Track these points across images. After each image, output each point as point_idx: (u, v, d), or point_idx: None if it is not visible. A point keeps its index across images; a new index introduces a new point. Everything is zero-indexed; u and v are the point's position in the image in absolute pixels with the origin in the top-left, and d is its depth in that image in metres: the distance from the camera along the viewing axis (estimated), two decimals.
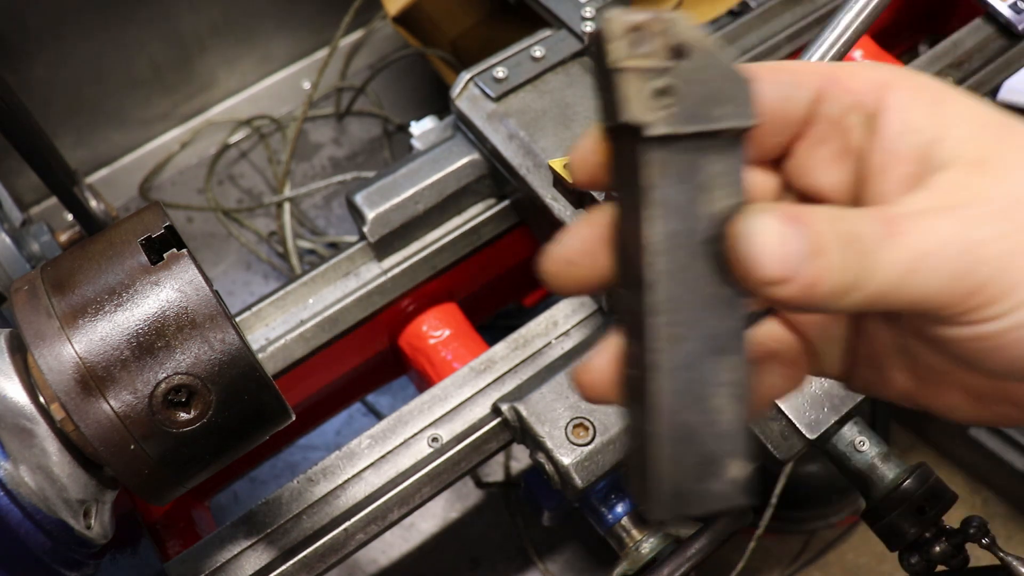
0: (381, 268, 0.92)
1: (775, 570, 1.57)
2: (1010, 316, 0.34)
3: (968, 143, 0.36)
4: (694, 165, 0.34)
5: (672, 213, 0.34)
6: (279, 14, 1.65)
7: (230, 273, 1.60)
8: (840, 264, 0.33)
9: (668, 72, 0.34)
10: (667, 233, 0.34)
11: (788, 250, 0.33)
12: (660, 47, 0.34)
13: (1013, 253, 0.33)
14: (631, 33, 0.33)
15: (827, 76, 0.39)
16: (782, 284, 0.33)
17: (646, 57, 0.33)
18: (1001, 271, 0.33)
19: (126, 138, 1.65)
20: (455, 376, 0.85)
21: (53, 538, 0.54)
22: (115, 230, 0.56)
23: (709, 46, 0.34)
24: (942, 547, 0.72)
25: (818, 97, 0.39)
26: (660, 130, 0.34)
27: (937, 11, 1.21)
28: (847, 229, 0.34)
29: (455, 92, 0.91)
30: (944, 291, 0.34)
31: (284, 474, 1.46)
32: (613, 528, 0.84)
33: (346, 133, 1.73)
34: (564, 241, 0.39)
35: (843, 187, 0.40)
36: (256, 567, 0.76)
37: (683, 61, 0.34)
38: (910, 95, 0.38)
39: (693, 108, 0.34)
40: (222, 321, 0.53)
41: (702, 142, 0.34)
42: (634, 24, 0.33)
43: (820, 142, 0.40)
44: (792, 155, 0.41)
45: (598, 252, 0.39)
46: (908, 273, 0.34)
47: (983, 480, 1.62)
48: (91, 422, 0.51)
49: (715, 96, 0.34)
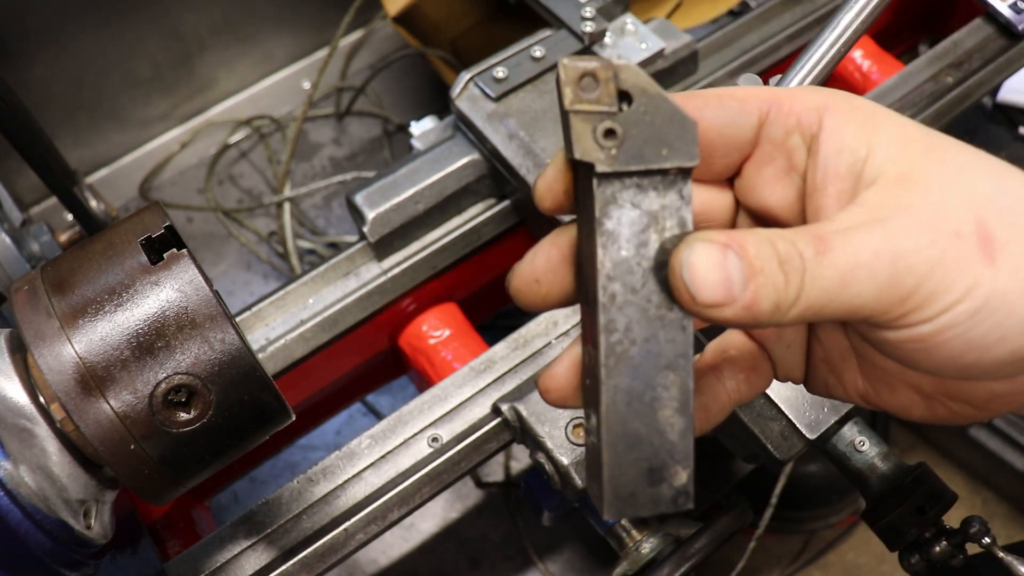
0: (381, 268, 0.92)
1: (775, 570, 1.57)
2: (939, 319, 0.37)
3: (894, 159, 0.39)
4: (643, 199, 0.38)
5: (623, 241, 0.38)
6: (279, 14, 1.65)
7: (230, 273, 1.60)
8: (776, 283, 0.36)
9: (615, 116, 0.38)
10: (618, 260, 0.39)
11: (725, 275, 0.36)
12: (607, 93, 0.38)
13: (938, 261, 0.36)
14: (582, 79, 0.37)
15: (771, 100, 0.43)
16: (723, 307, 0.36)
17: (594, 102, 0.37)
18: (927, 278, 0.36)
19: (126, 138, 1.65)
20: (455, 376, 0.85)
21: (53, 538, 0.54)
22: (115, 230, 0.56)
23: (655, 91, 0.38)
24: (942, 547, 0.72)
25: (763, 121, 0.43)
26: (605, 168, 0.37)
27: (937, 11, 1.21)
28: (781, 249, 0.37)
29: (455, 92, 0.91)
30: (877, 299, 0.37)
31: (284, 474, 1.46)
32: (613, 528, 0.84)
33: (346, 133, 1.73)
34: (530, 260, 0.43)
35: (789, 203, 0.43)
36: (256, 567, 0.76)
37: (629, 105, 0.38)
38: (844, 116, 0.41)
39: (639, 148, 0.38)
40: (222, 321, 0.53)
41: (650, 178, 0.38)
42: (584, 71, 0.37)
43: (766, 162, 0.44)
44: (742, 175, 0.45)
45: (561, 271, 0.42)
46: (841, 286, 0.37)
47: (983, 480, 1.62)
48: (91, 422, 0.51)
49: (660, 137, 0.38)
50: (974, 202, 0.37)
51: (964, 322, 0.37)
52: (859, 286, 0.36)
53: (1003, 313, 0.36)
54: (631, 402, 0.39)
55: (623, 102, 0.38)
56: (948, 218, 0.37)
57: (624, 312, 0.39)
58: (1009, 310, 0.36)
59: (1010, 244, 0.37)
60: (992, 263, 0.36)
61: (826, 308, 0.37)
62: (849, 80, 1.09)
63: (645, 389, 0.39)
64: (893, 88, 0.95)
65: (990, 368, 0.38)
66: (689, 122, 0.38)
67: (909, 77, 0.96)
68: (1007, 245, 0.37)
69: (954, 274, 0.36)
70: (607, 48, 0.93)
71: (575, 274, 0.42)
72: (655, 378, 0.39)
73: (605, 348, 0.39)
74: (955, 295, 0.36)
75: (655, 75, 0.95)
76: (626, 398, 0.39)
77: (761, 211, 0.45)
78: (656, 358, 0.39)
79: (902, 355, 0.40)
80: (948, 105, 0.94)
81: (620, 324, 0.39)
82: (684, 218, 0.39)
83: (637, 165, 0.38)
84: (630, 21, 0.95)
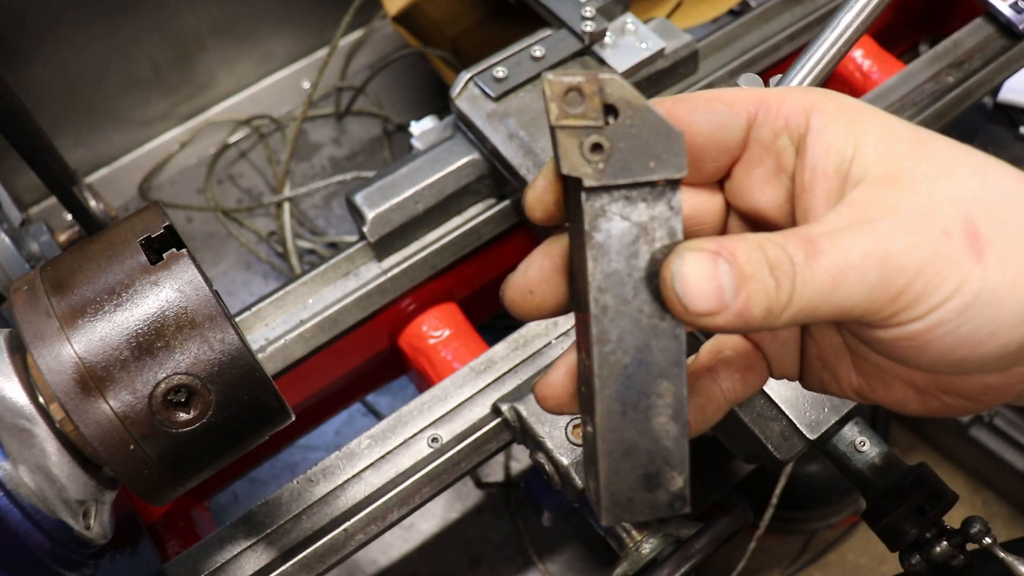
0: (381, 268, 0.92)
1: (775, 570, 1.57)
2: (929, 317, 0.37)
3: (881, 159, 0.39)
4: (632, 210, 0.39)
5: (613, 254, 0.39)
6: (279, 14, 1.65)
7: (230, 273, 1.60)
8: (767, 288, 0.37)
9: (601, 130, 0.38)
10: (609, 272, 0.39)
11: (717, 283, 0.36)
12: (593, 107, 0.38)
13: (927, 260, 0.37)
14: (568, 94, 0.37)
15: (759, 102, 0.43)
16: (715, 315, 0.37)
17: (580, 117, 0.38)
18: (917, 277, 0.37)
19: (125, 138, 1.65)
20: (455, 376, 0.85)
21: (52, 538, 0.54)
22: (114, 230, 0.56)
23: (640, 104, 0.38)
24: (943, 547, 0.72)
25: (751, 123, 0.43)
26: (593, 182, 0.38)
27: (937, 11, 1.21)
28: (771, 254, 0.37)
29: (455, 92, 0.91)
30: (868, 300, 0.37)
31: (284, 474, 1.46)
32: (613, 528, 0.84)
33: (346, 133, 1.73)
34: (523, 270, 0.43)
35: (779, 205, 0.44)
36: (256, 567, 0.76)
37: (616, 118, 0.38)
38: (831, 116, 0.41)
39: (626, 161, 0.38)
40: (222, 321, 0.53)
41: (639, 190, 0.38)
42: (569, 86, 0.37)
43: (756, 164, 0.44)
44: (731, 177, 0.45)
45: (555, 281, 0.43)
46: (832, 288, 0.37)
47: (984, 480, 1.62)
48: (90, 422, 0.51)
49: (647, 149, 0.38)
50: (961, 200, 0.38)
51: (954, 319, 0.37)
52: (850, 287, 0.37)
53: (992, 309, 0.37)
54: (626, 411, 0.40)
55: (609, 116, 0.38)
56: (936, 217, 0.37)
57: (616, 323, 0.39)
58: (998, 306, 0.37)
59: (997, 240, 0.37)
60: (980, 260, 0.37)
61: (818, 310, 0.37)
62: (850, 80, 1.09)
63: (639, 398, 0.40)
64: (893, 88, 0.95)
65: (981, 363, 0.39)
66: (676, 133, 0.38)
67: (910, 77, 0.96)
68: (994, 241, 0.37)
69: (943, 272, 0.36)
70: (607, 48, 0.93)
71: (568, 283, 0.43)
72: (649, 386, 0.40)
73: (599, 359, 0.39)
74: (944, 293, 0.37)
75: (655, 75, 0.95)
76: (620, 407, 0.40)
77: (751, 213, 0.45)
78: (649, 367, 0.40)
79: (894, 353, 0.40)
80: (949, 105, 0.94)
81: (613, 335, 0.39)
82: (674, 228, 0.39)
83: (625, 178, 0.38)
84: (630, 21, 0.95)
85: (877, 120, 0.41)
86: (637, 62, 0.93)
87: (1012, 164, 0.40)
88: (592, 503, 0.42)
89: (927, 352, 0.38)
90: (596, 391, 0.40)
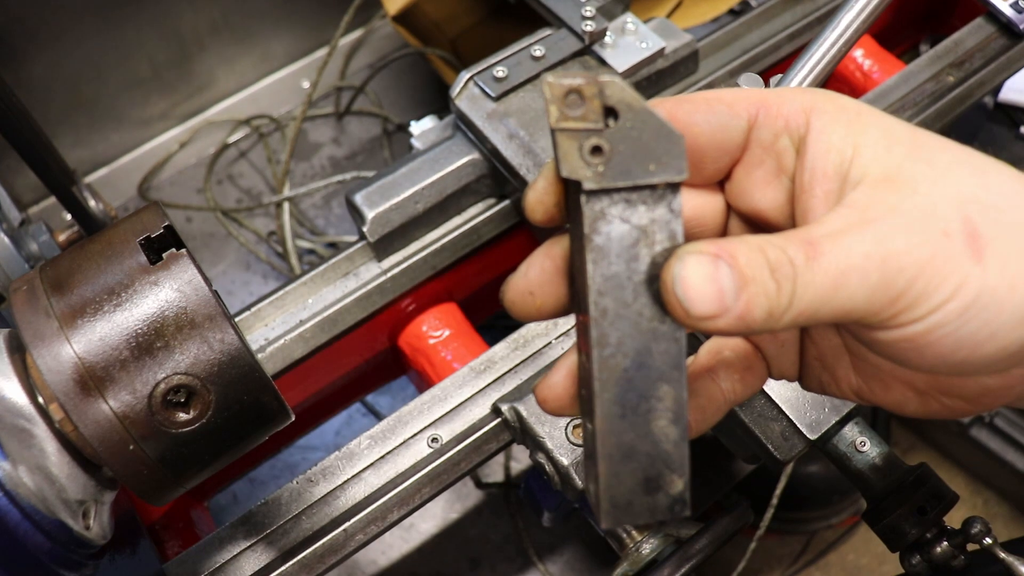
0: (381, 268, 0.91)
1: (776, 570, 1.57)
2: (930, 318, 0.37)
3: (880, 159, 0.39)
4: (632, 213, 0.38)
5: (613, 257, 0.39)
6: (278, 13, 1.65)
7: (229, 273, 1.60)
8: (768, 291, 0.36)
9: (601, 133, 0.37)
10: (609, 275, 0.39)
11: (717, 287, 0.36)
12: (593, 109, 0.37)
13: (927, 261, 0.36)
14: (568, 96, 0.37)
15: (759, 103, 0.43)
16: (716, 318, 0.37)
17: (580, 119, 0.37)
18: (917, 278, 0.36)
19: (125, 138, 1.65)
20: (455, 376, 0.85)
21: (52, 539, 0.54)
22: (114, 230, 0.56)
23: (640, 106, 0.38)
24: (943, 548, 0.72)
25: (752, 124, 0.43)
26: (593, 185, 0.37)
27: (938, 10, 1.21)
28: (772, 256, 0.37)
29: (455, 91, 0.91)
30: (868, 301, 0.37)
31: (284, 474, 1.46)
32: (613, 528, 0.84)
33: (346, 133, 1.72)
34: (523, 272, 0.43)
35: (779, 206, 0.44)
36: (255, 568, 0.76)
37: (616, 121, 0.37)
38: (831, 117, 0.41)
39: (626, 164, 0.38)
40: (221, 321, 0.53)
41: (639, 193, 0.38)
42: (569, 88, 0.37)
43: (756, 165, 0.44)
44: (732, 178, 0.45)
45: (555, 282, 0.43)
46: (833, 290, 0.37)
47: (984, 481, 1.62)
48: (90, 422, 0.51)
49: (648, 152, 0.38)
50: (960, 200, 0.37)
51: (954, 320, 0.37)
52: (851, 289, 0.37)
53: (992, 310, 0.37)
54: (625, 414, 0.40)
55: (609, 118, 0.38)
56: (935, 218, 0.37)
57: (616, 326, 0.39)
58: (998, 307, 0.37)
59: (997, 241, 0.37)
60: (980, 260, 0.37)
61: (819, 312, 0.37)
62: (850, 79, 1.09)
63: (639, 401, 0.40)
64: (894, 87, 0.95)
65: (981, 364, 0.39)
66: (676, 136, 0.38)
67: (910, 76, 0.96)
68: (994, 242, 0.37)
69: (943, 273, 0.36)
70: (607, 48, 0.93)
71: (569, 285, 0.43)
72: (649, 390, 0.40)
73: (598, 362, 0.39)
74: (944, 294, 0.37)
75: (655, 74, 0.95)
76: (620, 410, 0.40)
77: (752, 214, 0.45)
78: (649, 370, 0.40)
79: (894, 354, 0.40)
80: (949, 104, 0.94)
81: (612, 338, 0.39)
82: (674, 231, 0.39)
83: (625, 181, 0.38)
84: (630, 20, 0.95)
85: (876, 121, 0.41)
86: (637, 62, 0.93)
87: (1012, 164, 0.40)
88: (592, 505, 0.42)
89: (927, 354, 0.38)
90: (596, 394, 0.40)
